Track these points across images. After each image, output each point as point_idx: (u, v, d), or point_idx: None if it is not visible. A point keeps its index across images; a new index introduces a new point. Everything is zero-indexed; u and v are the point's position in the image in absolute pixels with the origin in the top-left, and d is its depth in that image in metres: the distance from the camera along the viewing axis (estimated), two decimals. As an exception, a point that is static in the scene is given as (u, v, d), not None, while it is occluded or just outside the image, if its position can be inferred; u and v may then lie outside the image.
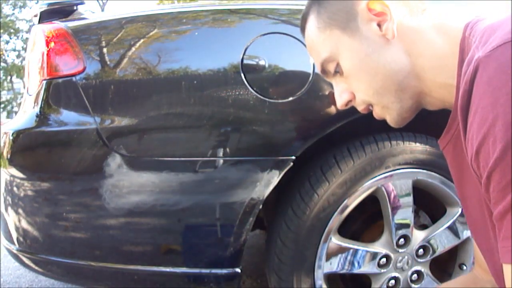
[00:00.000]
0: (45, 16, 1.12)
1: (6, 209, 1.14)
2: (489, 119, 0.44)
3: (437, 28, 0.60)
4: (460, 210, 1.14)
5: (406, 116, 0.65)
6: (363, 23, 0.62)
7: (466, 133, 0.50)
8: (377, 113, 0.66)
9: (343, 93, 0.67)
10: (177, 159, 0.99)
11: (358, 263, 1.10)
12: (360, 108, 0.67)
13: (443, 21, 0.61)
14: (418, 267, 1.15)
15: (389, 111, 0.65)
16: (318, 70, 0.70)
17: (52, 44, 1.03)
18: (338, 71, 0.66)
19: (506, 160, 0.43)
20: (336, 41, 0.64)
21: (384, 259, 1.11)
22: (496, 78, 0.44)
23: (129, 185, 0.99)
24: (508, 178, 0.43)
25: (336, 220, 1.06)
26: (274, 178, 0.99)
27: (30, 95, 1.12)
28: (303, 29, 0.70)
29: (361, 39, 0.62)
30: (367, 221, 1.24)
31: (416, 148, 1.09)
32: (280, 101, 1.00)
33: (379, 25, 0.61)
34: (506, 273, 0.45)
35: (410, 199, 1.11)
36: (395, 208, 1.10)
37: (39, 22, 1.12)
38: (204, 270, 1.02)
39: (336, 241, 1.08)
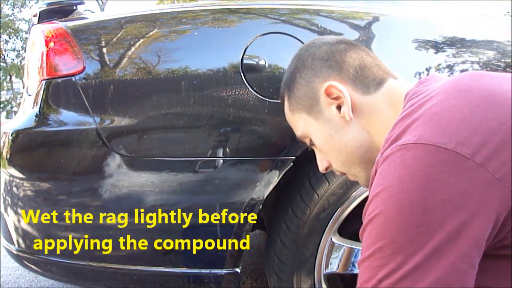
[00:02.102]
0: (45, 16, 1.12)
1: (6, 209, 1.13)
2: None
3: (388, 101, 0.65)
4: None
5: None
6: (324, 106, 0.68)
7: None
8: (350, 178, 0.74)
9: (323, 161, 0.75)
10: (177, 159, 0.99)
11: (358, 263, 1.10)
12: (337, 173, 0.75)
13: (394, 92, 0.66)
14: (418, 267, 1.15)
15: (358, 178, 0.72)
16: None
17: (51, 44, 1.03)
18: (313, 144, 0.74)
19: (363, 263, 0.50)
20: (304, 123, 0.72)
21: (384, 259, 1.11)
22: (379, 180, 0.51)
23: (129, 185, 0.99)
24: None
25: (336, 220, 1.06)
26: (274, 178, 0.99)
27: (29, 95, 1.12)
28: (282, 107, 0.78)
29: (324, 121, 0.69)
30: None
31: (416, 148, 1.09)
32: (280, 101, 1.00)
33: (339, 107, 0.67)
34: None
35: (410, 199, 1.10)
36: (395, 208, 1.09)
37: (38, 22, 1.11)
38: (204, 270, 1.02)
39: (336, 241, 1.08)
